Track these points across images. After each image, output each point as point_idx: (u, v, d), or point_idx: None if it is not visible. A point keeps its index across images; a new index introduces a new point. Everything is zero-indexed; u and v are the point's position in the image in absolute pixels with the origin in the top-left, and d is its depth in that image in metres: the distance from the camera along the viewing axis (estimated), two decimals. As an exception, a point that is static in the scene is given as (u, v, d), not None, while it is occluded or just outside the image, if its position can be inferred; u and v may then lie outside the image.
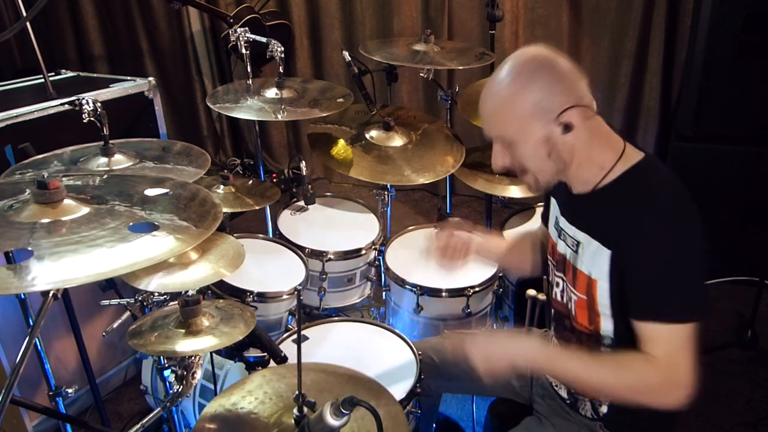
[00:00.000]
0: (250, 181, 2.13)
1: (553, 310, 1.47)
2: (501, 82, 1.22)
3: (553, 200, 1.46)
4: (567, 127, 1.19)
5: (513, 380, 1.58)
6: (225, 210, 1.94)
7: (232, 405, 1.24)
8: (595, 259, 1.25)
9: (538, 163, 1.25)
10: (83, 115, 1.64)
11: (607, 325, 1.29)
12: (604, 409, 1.36)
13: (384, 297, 2.26)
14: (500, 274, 2.12)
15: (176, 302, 1.39)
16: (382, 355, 1.70)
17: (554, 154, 1.23)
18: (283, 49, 2.25)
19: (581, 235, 1.29)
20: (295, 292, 1.98)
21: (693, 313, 1.17)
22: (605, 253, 1.22)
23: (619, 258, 1.20)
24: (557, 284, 1.41)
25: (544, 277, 1.54)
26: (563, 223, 1.37)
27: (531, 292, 1.74)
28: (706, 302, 1.20)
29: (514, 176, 1.54)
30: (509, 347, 1.28)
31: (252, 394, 1.27)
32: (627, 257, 1.19)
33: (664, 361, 1.16)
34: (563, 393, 1.44)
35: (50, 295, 1.11)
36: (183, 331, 1.32)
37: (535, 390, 1.55)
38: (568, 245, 1.34)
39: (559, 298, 1.41)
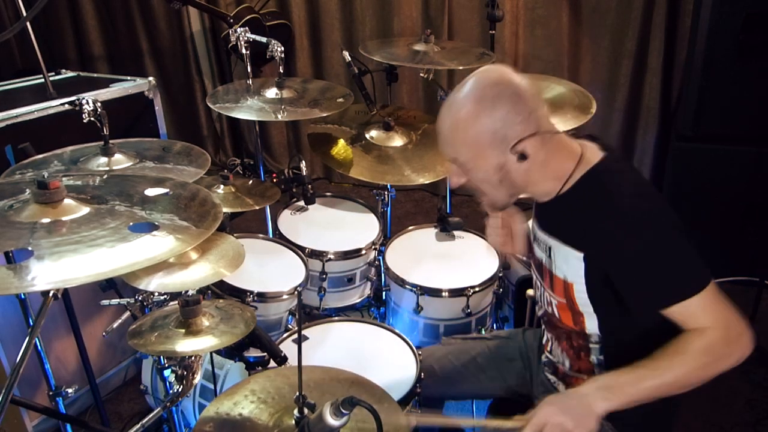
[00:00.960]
0: (250, 181, 2.13)
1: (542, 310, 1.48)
2: (461, 104, 1.20)
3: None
4: (522, 156, 1.19)
5: (512, 380, 1.59)
6: (225, 210, 1.94)
7: (232, 406, 1.24)
8: (568, 263, 1.26)
9: (492, 188, 1.26)
10: (83, 115, 1.64)
11: (591, 324, 1.30)
12: None
13: (384, 297, 2.26)
14: (500, 274, 2.12)
15: (176, 302, 1.38)
16: (382, 355, 1.71)
17: (506, 181, 1.23)
18: (283, 49, 2.24)
19: (552, 241, 1.31)
20: (295, 292, 1.98)
21: (701, 280, 1.15)
22: (577, 257, 1.23)
23: (593, 260, 1.21)
24: (538, 287, 1.43)
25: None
26: (536, 228, 1.39)
27: (531, 292, 1.74)
28: (703, 265, 1.18)
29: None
30: (578, 409, 1.15)
31: (254, 394, 1.27)
32: (603, 260, 1.20)
33: (714, 324, 1.14)
34: (562, 389, 1.45)
35: (50, 295, 1.10)
36: (183, 331, 1.31)
37: (536, 387, 1.55)
38: (542, 250, 1.36)
39: (542, 300, 1.43)
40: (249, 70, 2.37)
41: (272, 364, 1.57)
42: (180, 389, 1.38)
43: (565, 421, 1.13)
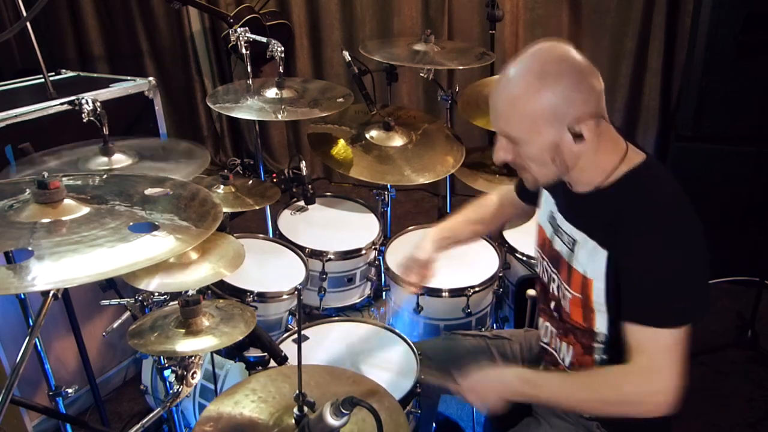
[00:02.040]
0: (250, 181, 2.13)
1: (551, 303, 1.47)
2: (519, 77, 1.17)
3: (546, 193, 1.45)
4: (577, 136, 1.16)
5: None
6: (225, 210, 1.94)
7: (232, 405, 1.24)
8: (591, 259, 1.25)
9: (541, 165, 1.22)
10: (83, 115, 1.64)
11: (601, 323, 1.29)
12: None
13: (384, 297, 2.26)
14: (500, 274, 2.12)
15: (176, 302, 1.38)
16: (382, 355, 1.70)
17: (558, 160, 1.20)
18: (283, 49, 2.24)
19: (578, 234, 1.29)
20: (295, 292, 1.98)
21: (678, 319, 1.16)
22: (602, 254, 1.22)
23: (616, 259, 1.20)
24: (553, 280, 1.40)
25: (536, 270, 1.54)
26: (560, 220, 1.36)
27: (531, 292, 1.74)
28: (702, 305, 1.20)
29: (514, 175, 1.53)
30: (494, 383, 1.32)
31: (254, 393, 1.27)
32: (624, 259, 1.19)
33: (644, 368, 1.16)
34: None
35: (50, 295, 1.11)
36: (183, 331, 1.31)
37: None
38: (564, 242, 1.33)
39: (553, 292, 1.41)
40: (249, 70, 2.37)
41: (272, 364, 1.57)
42: (180, 389, 1.38)
43: (473, 392, 1.34)
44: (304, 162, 2.12)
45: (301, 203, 2.40)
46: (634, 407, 1.19)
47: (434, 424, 1.88)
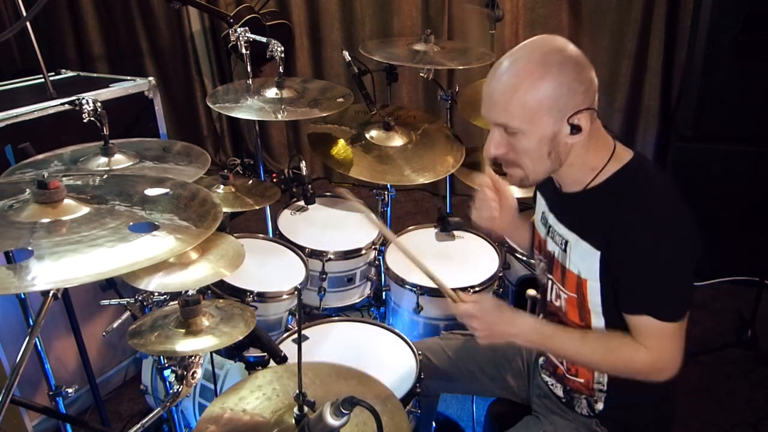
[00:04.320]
0: (250, 181, 2.13)
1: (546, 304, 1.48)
2: (519, 67, 1.14)
3: (538, 194, 1.45)
4: (575, 129, 1.15)
5: (511, 380, 1.59)
6: (225, 210, 1.94)
7: (232, 405, 1.24)
8: (584, 259, 1.25)
9: (535, 160, 1.19)
10: (83, 115, 1.64)
11: (597, 322, 1.29)
12: (599, 406, 1.36)
13: (384, 297, 2.26)
14: (500, 274, 2.12)
15: (176, 302, 1.38)
16: (382, 355, 1.71)
17: (554, 153, 1.19)
18: (283, 49, 2.24)
19: (570, 235, 1.28)
20: (295, 292, 1.98)
21: (682, 312, 1.19)
22: (595, 255, 1.22)
23: (609, 259, 1.20)
24: (549, 281, 1.40)
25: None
26: (552, 219, 1.35)
27: (531, 292, 1.74)
28: (690, 300, 1.22)
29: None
30: (507, 324, 1.30)
31: (253, 394, 1.27)
32: (617, 258, 1.19)
33: (653, 351, 1.19)
34: (559, 392, 1.45)
35: (50, 294, 1.11)
36: (183, 331, 1.31)
37: (532, 390, 1.55)
38: (556, 243, 1.33)
39: (550, 293, 1.41)
40: (249, 69, 2.37)
41: (272, 363, 1.57)
42: (180, 389, 1.38)
43: (482, 330, 1.29)
44: (304, 162, 2.12)
45: (301, 203, 2.40)
46: (641, 376, 1.23)
47: (434, 424, 1.88)
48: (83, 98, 1.65)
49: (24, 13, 2.12)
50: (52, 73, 2.37)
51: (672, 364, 1.20)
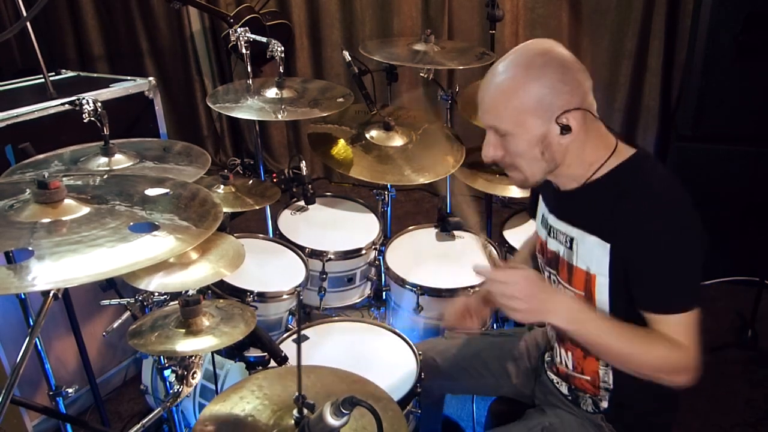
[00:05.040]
0: (250, 181, 2.13)
1: None
2: (507, 71, 1.19)
3: (539, 198, 1.45)
4: (565, 129, 1.17)
5: (515, 378, 1.59)
6: (225, 210, 1.94)
7: (232, 406, 1.23)
8: (593, 254, 1.24)
9: (530, 161, 1.22)
10: (83, 115, 1.64)
11: None
12: (604, 404, 1.36)
13: (384, 297, 2.26)
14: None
15: (176, 302, 1.39)
16: (382, 355, 1.71)
17: (548, 154, 1.21)
18: (283, 49, 2.24)
19: (574, 231, 1.28)
20: (295, 292, 1.98)
21: (696, 301, 1.18)
22: (604, 247, 1.21)
23: (619, 250, 1.20)
24: (552, 281, 1.40)
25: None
26: (552, 220, 1.36)
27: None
28: (700, 289, 1.21)
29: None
30: (549, 301, 1.20)
31: (253, 394, 1.27)
32: (628, 249, 1.19)
33: (683, 346, 1.17)
34: (564, 390, 1.44)
35: (50, 295, 1.11)
36: (183, 331, 1.31)
37: (537, 387, 1.55)
38: (560, 242, 1.33)
39: None
40: (249, 70, 2.37)
41: (272, 363, 1.57)
42: (180, 389, 1.38)
43: (522, 299, 1.17)
44: (304, 162, 2.12)
45: (301, 203, 2.40)
46: (674, 377, 1.18)
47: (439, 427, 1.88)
48: (83, 98, 1.65)
49: (24, 13, 2.12)
50: (52, 73, 2.37)
51: (694, 360, 1.17)
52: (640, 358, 1.19)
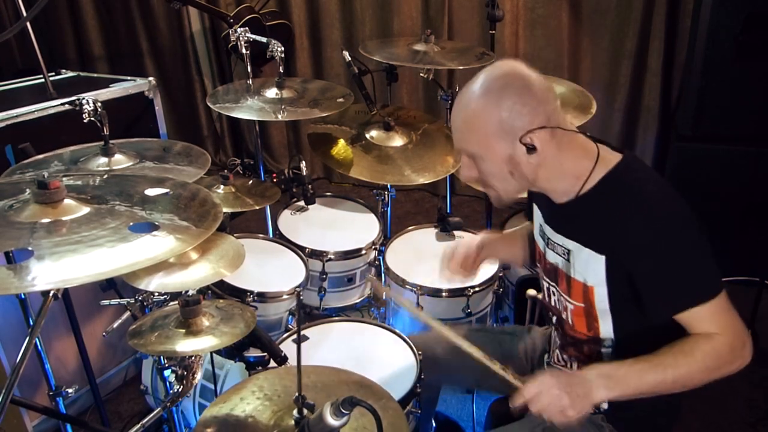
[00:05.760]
0: (250, 181, 2.13)
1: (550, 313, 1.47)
2: (470, 96, 1.21)
3: (535, 206, 1.45)
4: (530, 148, 1.18)
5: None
6: (225, 210, 1.94)
7: (232, 407, 1.24)
8: (588, 266, 1.25)
9: (501, 180, 1.25)
10: (83, 115, 1.64)
11: (606, 329, 1.29)
12: (604, 405, 1.36)
13: (384, 297, 2.26)
14: (500, 274, 2.12)
15: (176, 302, 1.39)
16: (382, 355, 1.70)
17: (517, 173, 1.23)
18: (283, 49, 2.24)
19: (570, 244, 1.29)
20: (295, 292, 1.98)
21: (715, 287, 1.17)
22: (599, 259, 1.22)
23: (615, 262, 1.20)
24: (552, 293, 1.41)
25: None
26: (549, 232, 1.36)
27: (531, 292, 1.74)
28: (719, 272, 1.20)
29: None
30: (576, 386, 1.16)
31: (253, 394, 1.27)
32: (626, 260, 1.19)
33: (725, 330, 1.16)
34: None
35: (50, 295, 1.11)
36: (183, 331, 1.32)
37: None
38: (558, 254, 1.34)
39: (554, 305, 1.41)
40: (249, 70, 2.37)
41: (272, 364, 1.57)
42: (180, 389, 1.39)
43: (563, 397, 1.13)
44: (304, 162, 2.12)
45: (301, 203, 2.40)
46: (730, 365, 1.18)
47: (434, 423, 1.88)
48: (83, 98, 1.65)
49: (24, 13, 2.12)
50: (52, 73, 2.37)
51: (744, 334, 1.17)
52: (691, 371, 1.16)
